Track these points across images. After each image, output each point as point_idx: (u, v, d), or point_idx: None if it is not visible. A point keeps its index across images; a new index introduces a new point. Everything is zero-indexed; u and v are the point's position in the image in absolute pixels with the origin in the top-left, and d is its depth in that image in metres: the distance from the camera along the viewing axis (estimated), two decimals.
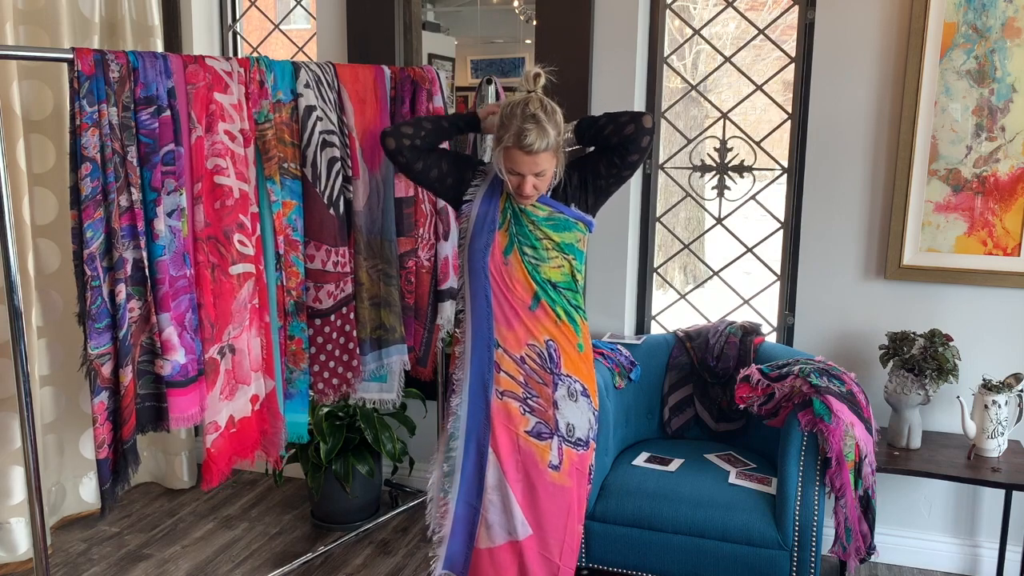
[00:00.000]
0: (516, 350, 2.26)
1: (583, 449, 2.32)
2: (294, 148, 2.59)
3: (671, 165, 3.36)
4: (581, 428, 2.30)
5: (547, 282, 2.24)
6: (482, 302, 2.28)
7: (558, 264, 2.25)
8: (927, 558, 3.08)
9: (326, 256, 2.70)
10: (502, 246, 2.25)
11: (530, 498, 2.29)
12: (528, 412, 2.28)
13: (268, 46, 3.94)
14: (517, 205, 2.25)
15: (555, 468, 2.28)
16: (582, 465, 2.33)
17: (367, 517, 3.43)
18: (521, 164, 2.14)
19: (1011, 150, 2.81)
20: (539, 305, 2.24)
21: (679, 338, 3.15)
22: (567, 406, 2.28)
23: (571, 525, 2.32)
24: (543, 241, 2.24)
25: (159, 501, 3.65)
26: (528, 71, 2.24)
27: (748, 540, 2.59)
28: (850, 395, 2.61)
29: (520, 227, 2.24)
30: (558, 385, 2.27)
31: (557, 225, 2.25)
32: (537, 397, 2.27)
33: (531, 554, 2.30)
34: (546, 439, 2.28)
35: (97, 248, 2.15)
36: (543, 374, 2.26)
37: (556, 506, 2.29)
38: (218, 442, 2.44)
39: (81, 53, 2.10)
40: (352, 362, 2.81)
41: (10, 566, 3.08)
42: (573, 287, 2.29)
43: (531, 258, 2.24)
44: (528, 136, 2.10)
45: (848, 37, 2.91)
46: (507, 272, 2.24)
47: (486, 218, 2.27)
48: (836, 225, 3.04)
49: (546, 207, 2.25)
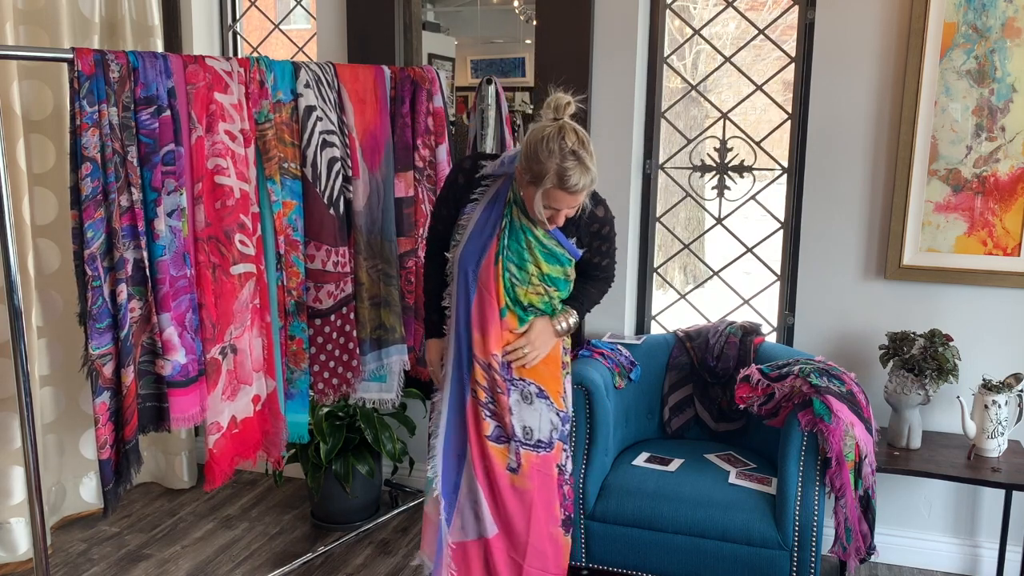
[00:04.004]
0: (483, 356, 2.29)
1: (545, 451, 2.33)
2: (294, 148, 2.59)
3: (671, 165, 3.36)
4: (541, 430, 2.32)
5: (517, 302, 2.27)
6: (463, 303, 2.30)
7: (538, 292, 2.28)
8: (927, 558, 3.08)
9: (326, 256, 2.70)
10: (493, 252, 2.25)
11: (493, 499, 2.34)
12: (489, 416, 2.32)
13: (268, 46, 3.94)
14: (521, 221, 2.23)
15: (513, 471, 2.31)
16: (545, 467, 2.34)
17: (367, 517, 3.43)
18: (563, 202, 2.12)
19: (1011, 150, 2.81)
20: (508, 314, 2.27)
21: (679, 338, 3.15)
22: (521, 410, 2.31)
23: (536, 527, 2.33)
24: (530, 265, 2.25)
25: (159, 501, 3.65)
26: (558, 100, 2.11)
27: (748, 540, 2.59)
28: (850, 395, 2.61)
29: (514, 242, 2.24)
30: (511, 390, 2.30)
31: (550, 256, 2.26)
32: (495, 403, 2.31)
33: (498, 553, 2.35)
34: (503, 443, 2.32)
35: (98, 248, 2.15)
36: (500, 382, 2.29)
37: (517, 508, 2.32)
38: (220, 442, 2.44)
39: (81, 53, 2.10)
40: (352, 362, 2.82)
41: (10, 566, 3.08)
42: (549, 310, 2.32)
43: (513, 276, 2.25)
44: (572, 177, 2.05)
45: (848, 37, 2.91)
46: (489, 279, 2.26)
47: (487, 224, 2.27)
48: (836, 225, 3.04)
49: (552, 237, 2.25)
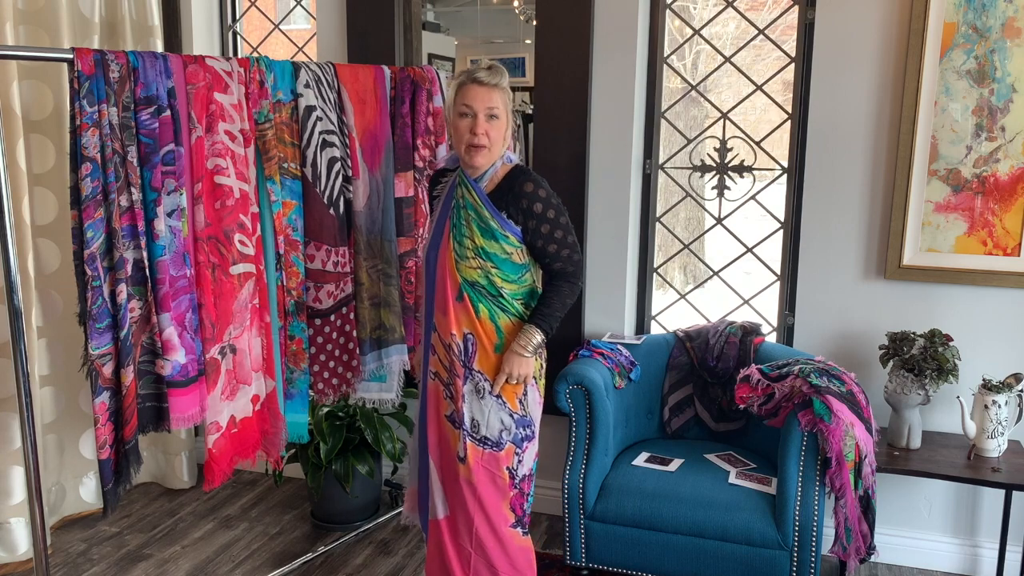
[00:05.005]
0: (445, 337, 2.32)
1: (491, 449, 2.32)
2: (294, 148, 2.59)
3: (671, 165, 3.36)
4: (488, 427, 2.32)
5: (465, 280, 2.28)
6: (430, 288, 2.36)
7: (475, 266, 2.28)
8: (927, 558, 3.08)
9: (326, 256, 2.70)
10: (447, 234, 2.31)
11: (446, 481, 2.39)
12: (448, 397, 2.35)
13: (268, 46, 3.94)
14: (464, 199, 2.28)
15: (462, 460, 2.32)
16: (492, 465, 2.33)
17: (367, 517, 3.43)
18: (475, 98, 2.22)
19: (1011, 150, 2.81)
20: (463, 298, 2.29)
21: (679, 338, 3.15)
22: (472, 401, 2.32)
23: (480, 521, 2.33)
24: (466, 240, 2.27)
25: (159, 501, 3.65)
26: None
27: (748, 540, 2.59)
28: (850, 395, 2.61)
29: (458, 220, 2.29)
30: (467, 379, 2.31)
31: (484, 230, 2.27)
32: (453, 386, 2.33)
33: (448, 536, 2.39)
34: (457, 428, 2.34)
35: (98, 248, 2.15)
36: (458, 366, 2.31)
37: (462, 496, 2.34)
38: (219, 442, 2.44)
39: (81, 53, 2.10)
40: (352, 362, 2.82)
41: (10, 566, 3.08)
42: (494, 292, 2.30)
43: (456, 253, 2.29)
44: (481, 72, 2.23)
45: (848, 37, 2.91)
46: (446, 260, 2.30)
47: (443, 211, 2.35)
48: (836, 225, 3.04)
49: (482, 205, 2.26)
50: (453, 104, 2.27)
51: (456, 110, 2.26)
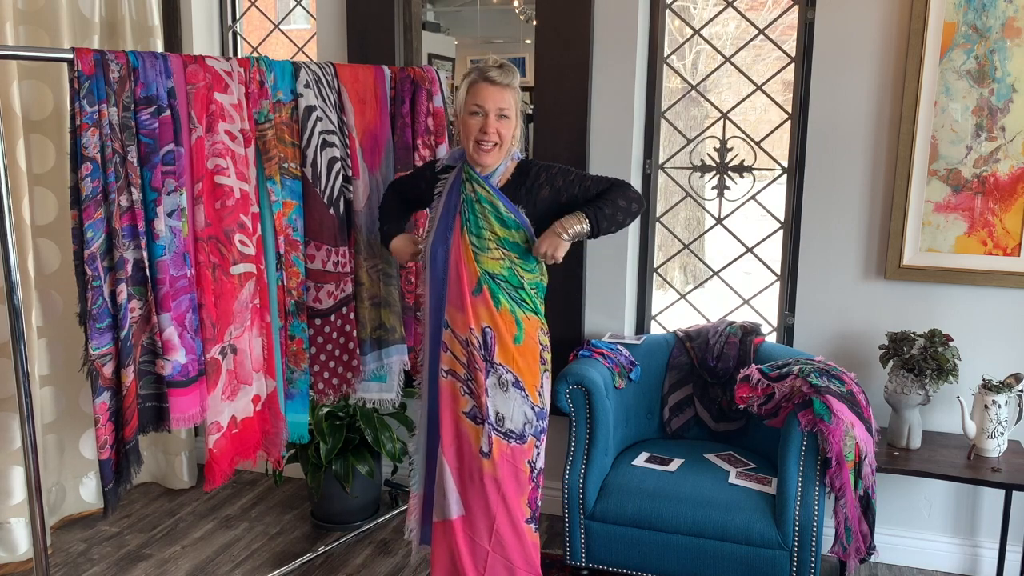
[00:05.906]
0: (463, 331, 2.30)
1: (516, 442, 2.32)
2: (294, 148, 2.59)
3: (671, 165, 3.36)
4: (513, 420, 2.31)
5: (486, 272, 2.27)
6: (438, 283, 2.33)
7: (497, 257, 2.28)
8: (927, 558, 3.08)
9: (326, 256, 2.70)
10: (457, 228, 2.30)
11: (462, 480, 2.35)
12: (467, 393, 2.33)
13: (268, 46, 3.94)
14: (476, 193, 2.28)
15: (485, 455, 2.30)
16: (515, 459, 2.33)
17: (367, 517, 3.43)
18: (487, 98, 2.21)
19: (1011, 150, 2.81)
20: (481, 291, 2.28)
21: (679, 338, 3.15)
22: (496, 394, 2.30)
23: (501, 516, 2.33)
24: (486, 232, 2.27)
25: (159, 501, 3.65)
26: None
27: (748, 540, 2.59)
28: (850, 395, 2.61)
29: (472, 213, 2.28)
30: (489, 373, 2.30)
31: (501, 220, 2.28)
32: (473, 381, 2.31)
33: (460, 535, 2.35)
34: (479, 424, 2.32)
35: (98, 248, 2.15)
36: (479, 360, 2.29)
37: (485, 492, 2.32)
38: (220, 443, 2.44)
39: (81, 53, 2.10)
40: (352, 362, 2.82)
41: (10, 566, 3.08)
42: (516, 283, 2.30)
43: (474, 246, 2.28)
44: (493, 70, 2.22)
45: (848, 37, 2.91)
46: (460, 254, 2.28)
47: (449, 205, 2.33)
48: (836, 225, 3.04)
49: (498, 200, 2.27)
50: (464, 102, 2.26)
51: (467, 108, 2.24)
